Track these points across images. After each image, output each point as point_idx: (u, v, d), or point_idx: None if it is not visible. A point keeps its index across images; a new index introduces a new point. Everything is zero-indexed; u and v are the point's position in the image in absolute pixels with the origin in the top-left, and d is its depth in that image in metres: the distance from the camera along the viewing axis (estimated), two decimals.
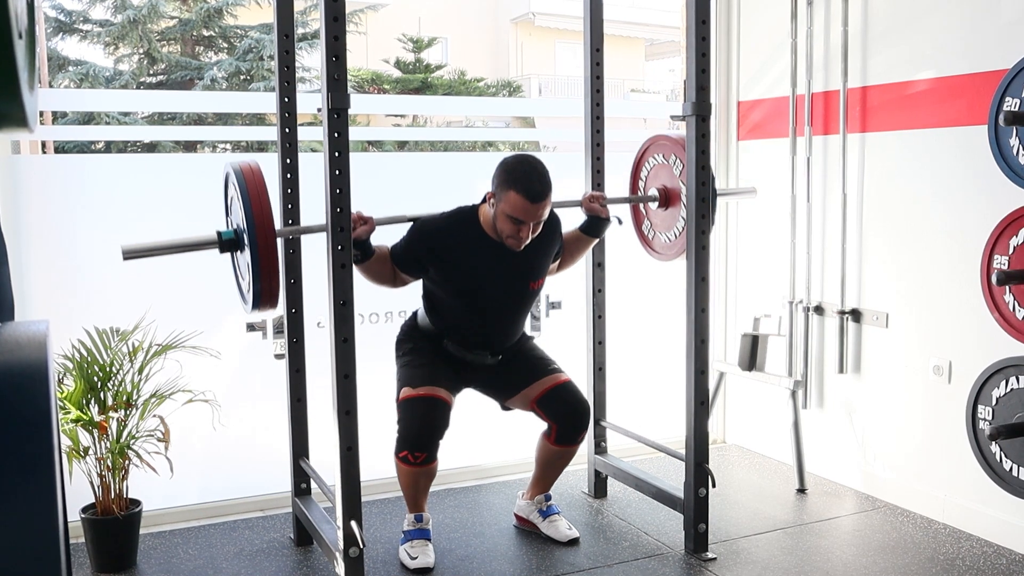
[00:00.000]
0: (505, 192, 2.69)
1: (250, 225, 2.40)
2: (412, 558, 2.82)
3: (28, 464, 0.87)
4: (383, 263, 2.80)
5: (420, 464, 2.77)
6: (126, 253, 2.46)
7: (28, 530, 0.87)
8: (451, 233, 2.81)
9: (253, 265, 2.42)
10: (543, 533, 3.05)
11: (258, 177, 2.47)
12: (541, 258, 2.93)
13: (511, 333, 2.97)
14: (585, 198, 3.07)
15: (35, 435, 0.86)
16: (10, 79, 0.80)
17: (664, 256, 3.26)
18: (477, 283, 2.83)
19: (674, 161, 3.10)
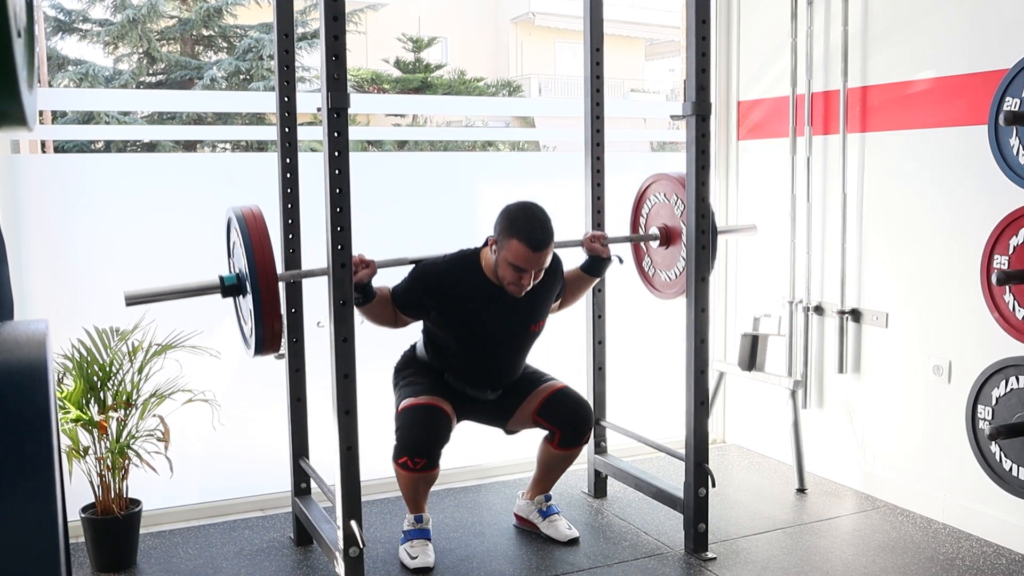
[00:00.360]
0: (507, 240, 2.70)
1: (252, 272, 2.42)
2: (412, 558, 2.82)
3: (28, 464, 0.86)
4: (384, 305, 2.81)
5: (420, 470, 2.77)
6: (128, 300, 2.48)
7: (28, 530, 0.87)
8: (453, 277, 2.81)
9: (255, 312, 2.44)
10: (543, 533, 3.04)
11: (260, 223, 2.49)
12: (542, 301, 2.94)
13: (511, 373, 2.98)
14: (586, 238, 3.08)
15: (35, 435, 0.86)
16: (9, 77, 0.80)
17: (665, 294, 3.26)
18: (478, 327, 2.84)
19: (675, 201, 3.11)
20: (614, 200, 3.38)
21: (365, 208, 3.16)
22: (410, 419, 2.78)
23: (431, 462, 2.77)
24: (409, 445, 2.75)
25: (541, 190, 3.22)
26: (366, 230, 3.00)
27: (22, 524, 0.86)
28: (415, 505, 2.89)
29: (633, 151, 3.48)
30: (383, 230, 3.44)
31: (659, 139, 7.65)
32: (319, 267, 2.55)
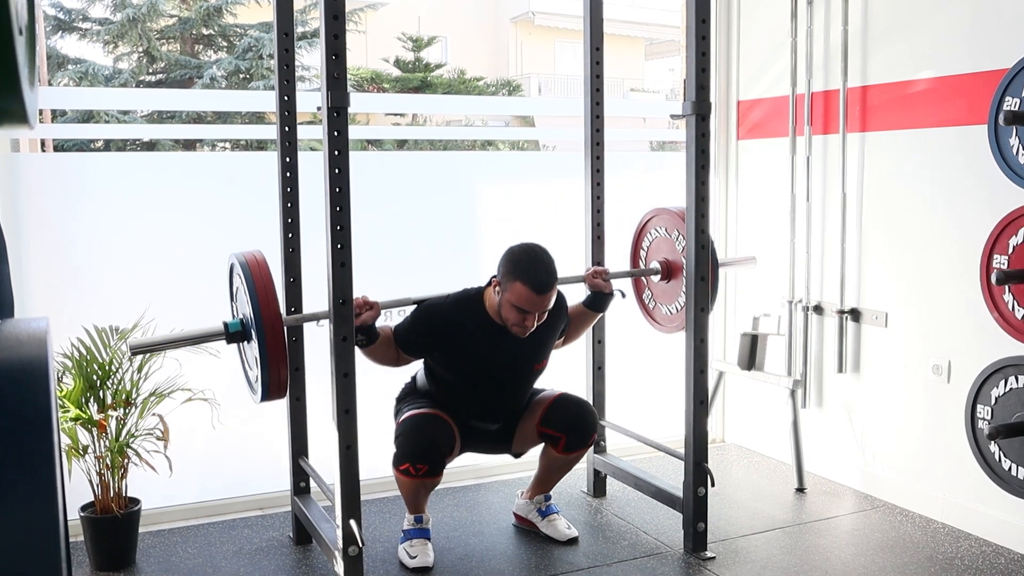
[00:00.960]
0: (511, 283, 2.70)
1: (257, 319, 2.43)
2: (411, 557, 2.82)
3: (29, 461, 0.86)
4: (387, 347, 2.80)
5: (422, 476, 2.77)
6: (133, 349, 2.51)
7: (29, 528, 0.86)
8: (456, 319, 2.81)
9: (261, 358, 2.45)
10: (542, 532, 3.05)
11: (263, 268, 2.50)
12: (546, 340, 2.95)
13: (512, 408, 2.99)
14: (588, 274, 3.10)
15: (36, 432, 0.86)
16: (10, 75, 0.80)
17: (666, 328, 3.27)
18: (481, 367, 2.84)
19: (676, 236, 3.12)
20: (614, 200, 3.38)
21: (365, 207, 3.16)
22: (411, 425, 2.78)
23: (433, 468, 2.76)
24: (410, 451, 2.75)
25: (541, 190, 3.24)
26: (366, 229, 3.01)
27: (23, 522, 0.86)
28: (415, 506, 2.89)
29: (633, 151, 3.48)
30: (383, 229, 3.44)
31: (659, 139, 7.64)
32: (323, 310, 2.55)
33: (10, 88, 0.81)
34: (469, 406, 2.90)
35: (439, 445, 2.77)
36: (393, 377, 2.99)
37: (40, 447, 0.86)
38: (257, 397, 2.60)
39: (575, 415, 2.95)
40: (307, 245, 2.92)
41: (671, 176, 3.50)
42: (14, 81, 0.80)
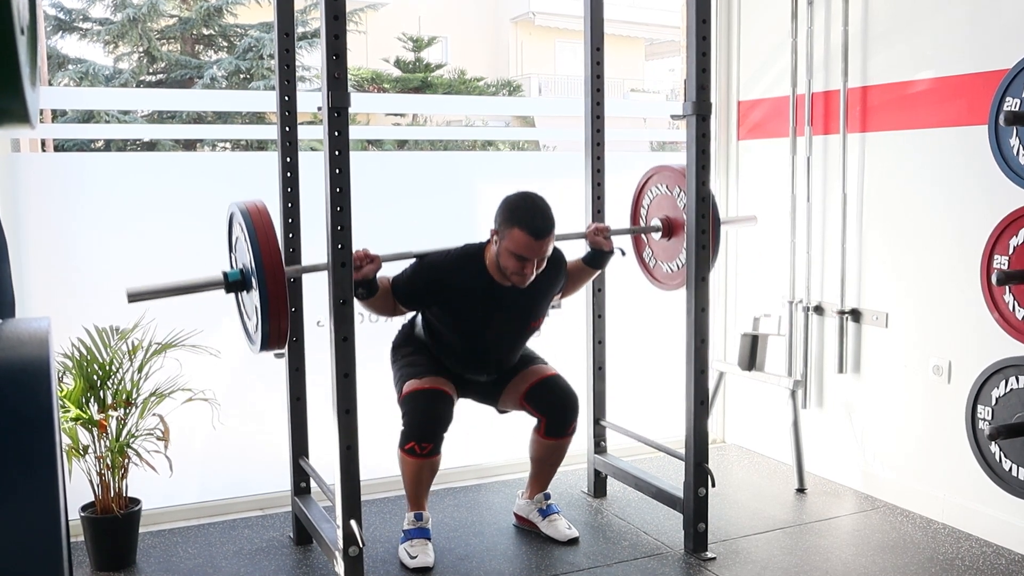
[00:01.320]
0: (509, 230, 2.71)
1: (259, 267, 2.40)
2: (412, 557, 2.82)
3: (30, 461, 0.86)
4: (385, 298, 2.81)
5: (425, 456, 2.78)
6: (131, 296, 2.46)
7: (30, 528, 0.86)
8: (456, 274, 2.82)
9: (263, 307, 2.42)
10: (543, 532, 3.04)
11: (265, 217, 2.47)
12: (544, 297, 2.96)
13: (507, 363, 3.00)
14: (589, 231, 3.09)
15: (37, 432, 0.86)
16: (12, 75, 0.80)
17: (666, 286, 3.26)
18: (478, 322, 2.85)
19: (678, 193, 3.11)
20: (614, 200, 3.38)
21: (365, 207, 3.15)
22: (415, 404, 2.80)
23: (436, 448, 2.80)
24: (416, 431, 2.78)
25: (541, 189, 3.21)
26: (366, 229, 3.00)
27: (25, 522, 0.86)
28: (416, 501, 2.89)
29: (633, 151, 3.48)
30: (383, 229, 3.44)
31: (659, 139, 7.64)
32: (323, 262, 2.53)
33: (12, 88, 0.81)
34: (464, 359, 2.92)
35: (441, 422, 2.80)
36: (391, 379, 2.98)
37: (41, 447, 0.86)
38: (256, 347, 2.57)
39: (556, 401, 2.96)
40: (307, 245, 2.92)
41: None
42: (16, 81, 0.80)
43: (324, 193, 2.43)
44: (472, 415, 3.32)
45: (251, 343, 2.65)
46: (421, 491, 2.89)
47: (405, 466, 2.83)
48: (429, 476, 2.86)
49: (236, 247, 2.66)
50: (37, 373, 0.87)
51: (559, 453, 3.04)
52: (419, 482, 2.86)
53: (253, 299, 2.49)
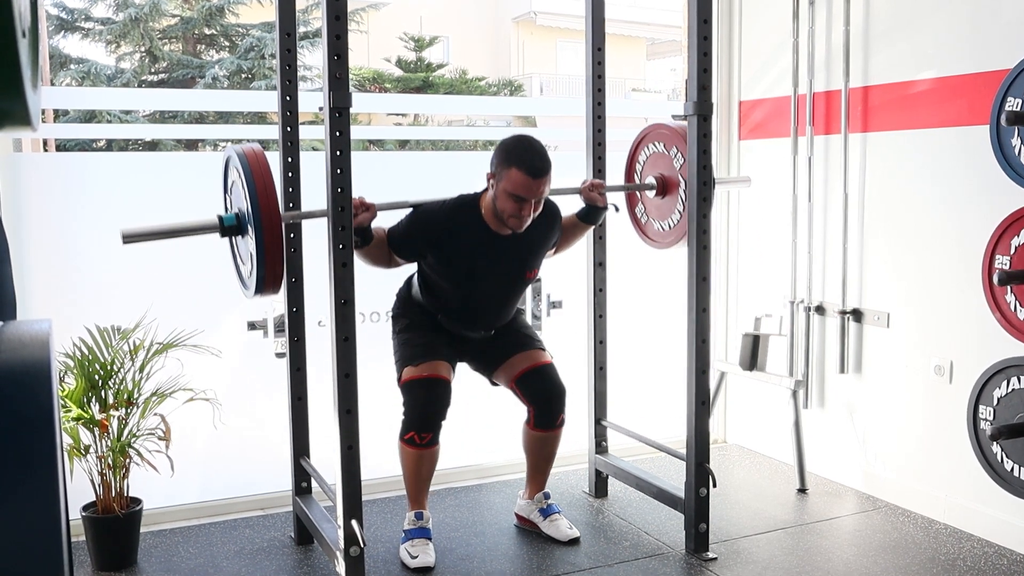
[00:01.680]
0: (506, 170, 2.70)
1: (255, 210, 2.37)
2: (412, 557, 2.82)
3: (31, 462, 0.87)
4: (380, 247, 2.82)
5: (425, 446, 2.80)
6: (125, 237, 2.44)
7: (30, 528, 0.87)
8: (451, 223, 2.81)
9: (258, 250, 2.40)
10: (544, 533, 3.04)
11: (262, 161, 2.44)
12: (539, 248, 2.96)
13: (504, 316, 3.00)
14: (584, 186, 3.08)
15: (38, 434, 0.87)
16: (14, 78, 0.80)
17: (659, 244, 3.26)
18: (473, 272, 2.84)
19: (675, 153, 3.09)
20: (614, 198, 3.38)
21: None
22: (413, 394, 2.82)
23: (435, 437, 2.82)
24: (415, 421, 2.80)
25: None
26: None
27: (25, 523, 0.87)
28: (416, 498, 2.89)
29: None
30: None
31: None
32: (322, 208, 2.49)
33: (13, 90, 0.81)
34: (460, 313, 2.92)
35: (439, 412, 2.82)
36: (392, 380, 2.98)
37: (42, 448, 0.86)
38: (249, 292, 2.55)
39: (544, 392, 2.96)
40: (308, 245, 2.92)
41: None
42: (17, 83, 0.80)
43: (326, 193, 2.43)
44: (473, 415, 3.33)
45: (244, 288, 2.63)
46: (421, 486, 2.89)
47: (405, 458, 2.85)
48: (429, 469, 2.87)
49: (232, 191, 2.63)
50: (38, 375, 0.88)
51: (550, 446, 3.04)
52: (419, 475, 2.87)
53: (248, 244, 2.46)
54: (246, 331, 3.29)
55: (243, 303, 3.26)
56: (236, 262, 2.70)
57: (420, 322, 2.94)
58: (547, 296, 3.71)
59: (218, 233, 2.54)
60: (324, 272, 2.50)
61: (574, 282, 3.53)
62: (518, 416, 3.07)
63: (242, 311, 3.28)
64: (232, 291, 3.26)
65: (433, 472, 2.90)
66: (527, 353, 2.99)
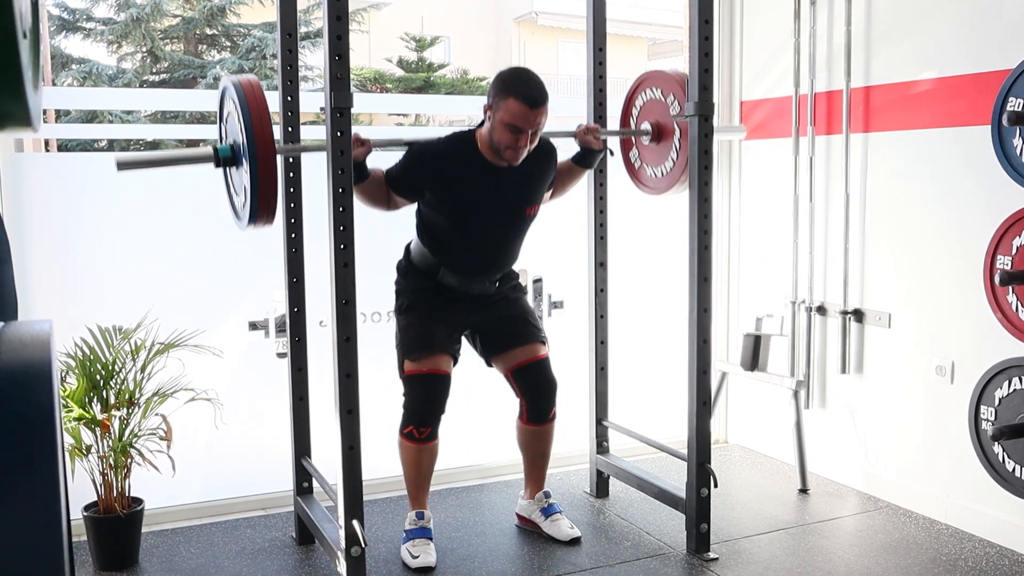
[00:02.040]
0: (503, 100, 2.67)
1: (250, 140, 2.35)
2: (413, 557, 2.82)
3: (31, 463, 0.87)
4: (378, 186, 2.80)
5: (424, 440, 2.82)
6: (120, 164, 2.43)
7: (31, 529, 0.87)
8: (448, 156, 2.79)
9: (252, 181, 2.38)
10: (545, 532, 3.04)
11: (258, 92, 2.41)
12: (537, 183, 2.92)
13: (506, 259, 2.96)
14: (579, 129, 3.05)
15: (38, 434, 0.87)
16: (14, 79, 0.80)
17: (652, 190, 3.24)
18: (472, 206, 2.81)
19: (671, 100, 3.08)
20: (615, 200, 3.38)
21: (368, 207, 3.15)
22: (413, 389, 2.84)
23: (434, 431, 2.84)
24: (414, 416, 2.82)
25: None
26: (368, 229, 3.00)
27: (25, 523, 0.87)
28: (416, 496, 2.90)
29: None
30: (385, 229, 3.44)
31: None
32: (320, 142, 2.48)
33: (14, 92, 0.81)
34: (462, 259, 2.87)
35: (439, 407, 2.84)
36: (395, 381, 2.98)
37: (42, 448, 0.86)
38: (242, 224, 2.55)
39: (536, 388, 2.98)
40: (309, 245, 2.92)
41: None
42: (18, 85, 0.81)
43: (327, 193, 2.43)
44: (474, 415, 3.32)
45: (238, 219, 2.62)
46: (421, 482, 2.90)
47: (405, 452, 2.86)
48: (428, 464, 2.88)
49: (227, 122, 2.61)
50: (39, 376, 0.88)
51: (543, 440, 3.05)
52: (419, 470, 2.87)
53: (242, 175, 2.46)
54: (247, 331, 3.29)
55: (245, 303, 3.27)
56: (230, 194, 2.68)
57: (421, 298, 2.90)
58: (548, 296, 3.71)
59: (212, 163, 2.53)
60: (325, 272, 2.50)
61: (575, 282, 3.53)
62: (516, 416, 3.07)
63: (243, 311, 3.28)
64: (233, 291, 3.28)
65: (433, 467, 2.91)
66: (527, 347, 2.98)
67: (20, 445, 0.86)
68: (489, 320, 2.97)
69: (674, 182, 3.08)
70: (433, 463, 2.90)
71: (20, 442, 0.86)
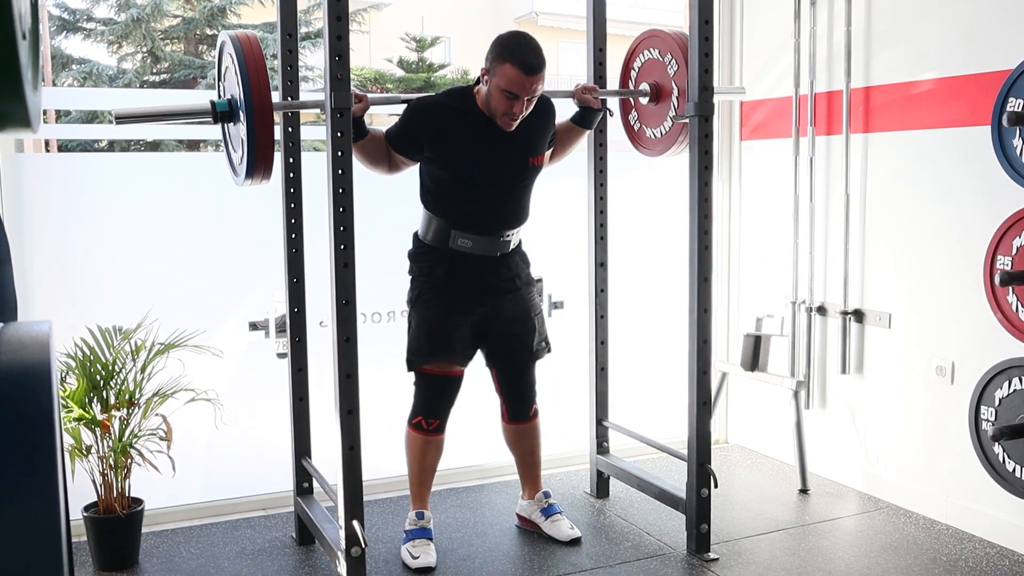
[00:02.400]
0: (500, 65, 2.64)
1: (247, 94, 2.34)
2: (414, 558, 2.82)
3: (30, 464, 0.87)
4: (378, 145, 2.78)
5: (431, 432, 2.85)
6: (118, 117, 2.43)
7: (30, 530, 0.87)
8: (446, 109, 2.78)
9: (249, 136, 2.38)
10: (545, 533, 3.04)
11: (256, 47, 2.41)
12: (537, 134, 2.88)
13: (516, 212, 2.88)
14: (577, 89, 3.03)
15: (37, 435, 0.87)
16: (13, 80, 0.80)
17: (650, 151, 3.24)
18: (475, 159, 2.77)
19: (669, 60, 3.08)
20: (615, 200, 3.38)
21: (368, 207, 3.15)
22: (426, 384, 2.86)
23: (442, 424, 2.87)
24: (424, 407, 2.86)
25: (543, 189, 3.22)
26: (368, 229, 3.01)
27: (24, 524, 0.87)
28: (419, 492, 2.91)
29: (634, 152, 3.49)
30: (385, 229, 3.44)
31: None
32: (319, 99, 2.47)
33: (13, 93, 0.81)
34: (471, 215, 2.79)
35: (449, 403, 2.87)
36: (396, 381, 2.98)
37: (42, 449, 0.86)
38: (239, 179, 2.54)
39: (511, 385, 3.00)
40: (309, 245, 2.92)
41: (674, 176, 3.50)
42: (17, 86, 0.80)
43: (327, 193, 2.43)
44: (475, 416, 3.32)
45: (235, 175, 2.62)
46: (424, 476, 2.90)
47: (411, 443, 2.88)
48: (433, 458, 2.89)
49: (225, 77, 2.60)
50: (38, 377, 0.88)
51: (529, 438, 3.06)
52: (423, 464, 2.88)
53: (239, 130, 2.45)
54: (247, 331, 3.29)
55: (245, 304, 3.27)
56: (227, 150, 2.68)
57: (435, 289, 2.82)
58: (549, 296, 3.71)
59: (210, 119, 2.52)
60: (325, 272, 2.50)
61: (575, 283, 3.53)
62: None
63: (244, 312, 3.28)
64: (233, 292, 3.28)
65: (437, 464, 2.92)
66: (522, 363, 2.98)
67: (19, 446, 0.86)
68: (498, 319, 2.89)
69: (671, 143, 3.09)
70: (438, 459, 2.92)
71: (19, 443, 0.86)
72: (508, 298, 2.91)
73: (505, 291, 2.90)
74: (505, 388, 3.02)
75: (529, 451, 3.08)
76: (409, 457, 2.91)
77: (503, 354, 2.97)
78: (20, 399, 0.86)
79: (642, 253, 3.86)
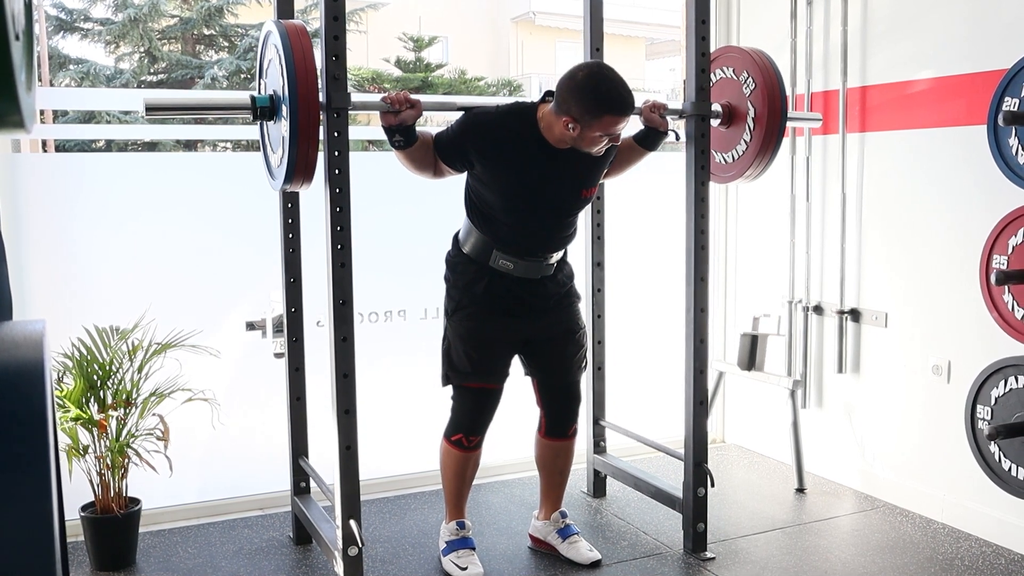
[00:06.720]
0: (597, 119, 2.46)
1: (292, 93, 2.20)
2: (462, 568, 2.75)
3: (23, 463, 0.87)
4: (426, 151, 2.59)
5: (471, 448, 2.76)
6: (148, 106, 2.29)
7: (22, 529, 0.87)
8: (505, 130, 2.58)
9: (291, 133, 2.22)
10: (562, 556, 2.90)
11: (304, 39, 2.25)
12: (596, 165, 2.71)
13: (561, 240, 2.74)
14: (645, 106, 2.81)
15: (30, 435, 0.87)
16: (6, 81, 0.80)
17: (718, 178, 3.05)
18: (525, 186, 2.59)
19: (745, 78, 2.92)
20: (614, 200, 3.38)
21: (365, 208, 3.16)
22: (465, 401, 2.75)
23: (482, 440, 2.78)
24: (465, 424, 2.74)
25: None
26: (366, 230, 3.01)
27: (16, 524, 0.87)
28: (456, 504, 2.82)
29: None
30: (384, 230, 3.44)
31: None
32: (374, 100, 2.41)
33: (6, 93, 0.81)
34: (514, 240, 2.64)
35: (490, 418, 2.77)
36: (393, 381, 2.98)
37: (35, 449, 0.86)
38: (277, 183, 2.42)
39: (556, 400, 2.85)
40: (308, 245, 2.92)
41: (671, 176, 3.50)
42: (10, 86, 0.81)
43: (324, 194, 2.43)
44: None
45: (272, 178, 2.50)
46: (463, 489, 2.82)
47: (449, 460, 2.77)
48: (472, 471, 2.81)
49: (268, 71, 2.44)
50: (31, 376, 0.88)
51: (563, 457, 2.92)
52: (463, 478, 2.79)
53: (280, 128, 2.31)
54: (244, 331, 3.28)
55: (242, 303, 3.26)
56: (265, 151, 2.56)
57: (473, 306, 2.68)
58: None
59: (250, 115, 2.39)
60: (322, 272, 2.50)
61: None
62: (519, 415, 3.07)
63: (241, 312, 3.28)
64: (230, 291, 3.28)
65: (475, 475, 2.84)
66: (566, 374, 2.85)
67: (11, 445, 0.86)
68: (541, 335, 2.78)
69: (744, 169, 2.93)
70: (476, 470, 2.83)
71: (11, 442, 0.86)
72: (551, 315, 2.78)
73: (547, 309, 2.77)
74: (548, 401, 2.87)
75: (559, 471, 2.94)
76: (449, 473, 2.80)
77: (548, 368, 2.83)
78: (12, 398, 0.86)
79: (639, 253, 3.87)
